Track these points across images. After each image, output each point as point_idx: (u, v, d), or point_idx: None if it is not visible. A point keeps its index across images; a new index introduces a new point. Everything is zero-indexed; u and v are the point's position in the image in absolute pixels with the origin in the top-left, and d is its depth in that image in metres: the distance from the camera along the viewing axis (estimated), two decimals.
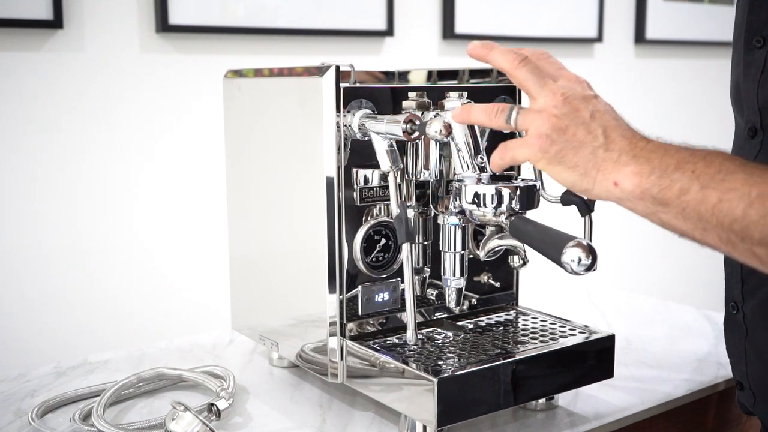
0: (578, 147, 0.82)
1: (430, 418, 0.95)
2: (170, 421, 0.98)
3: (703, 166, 0.75)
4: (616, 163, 0.80)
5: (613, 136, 0.82)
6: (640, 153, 0.80)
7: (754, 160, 0.98)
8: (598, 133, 0.82)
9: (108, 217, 1.89)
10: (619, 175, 0.79)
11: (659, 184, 0.77)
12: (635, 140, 0.82)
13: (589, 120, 0.83)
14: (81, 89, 1.84)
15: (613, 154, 0.81)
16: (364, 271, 1.09)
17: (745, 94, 1.00)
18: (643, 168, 0.78)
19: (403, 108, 1.08)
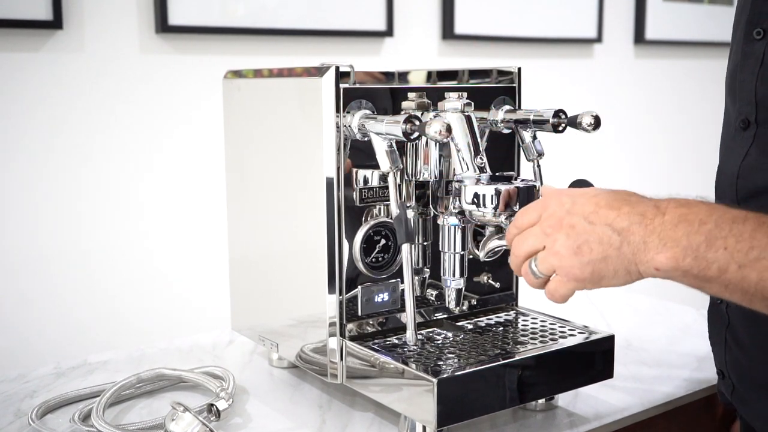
0: (603, 258, 0.80)
1: (429, 419, 0.95)
2: (170, 421, 0.98)
3: (734, 242, 0.73)
4: (646, 251, 0.78)
5: (625, 227, 0.79)
6: (663, 232, 0.77)
7: (746, 152, 0.98)
8: (608, 233, 0.80)
9: (108, 218, 1.89)
10: (656, 262, 0.77)
11: (697, 266, 0.75)
12: (647, 216, 0.79)
13: (590, 227, 0.81)
14: (81, 90, 1.84)
15: (638, 244, 0.78)
16: (364, 271, 1.09)
17: (740, 85, 1.00)
18: (675, 252, 0.76)
19: (403, 108, 1.08)
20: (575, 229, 0.81)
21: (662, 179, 2.90)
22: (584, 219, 0.81)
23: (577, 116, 1.08)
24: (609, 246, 0.79)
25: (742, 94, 0.99)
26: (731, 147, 1.02)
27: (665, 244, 0.76)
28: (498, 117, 1.13)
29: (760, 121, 0.96)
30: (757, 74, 0.96)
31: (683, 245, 0.76)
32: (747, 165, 0.98)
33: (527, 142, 1.13)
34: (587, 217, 0.81)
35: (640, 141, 2.84)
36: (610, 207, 0.81)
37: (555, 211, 0.83)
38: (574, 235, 0.81)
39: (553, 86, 2.54)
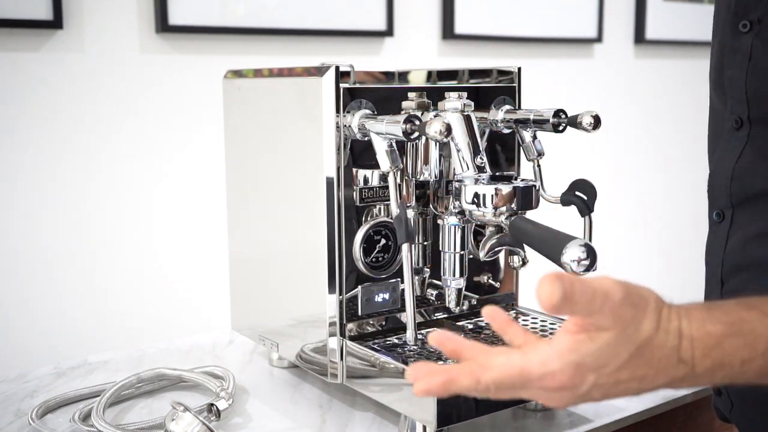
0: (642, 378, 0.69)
1: (429, 419, 0.95)
2: (170, 421, 0.98)
3: (751, 339, 0.68)
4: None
5: (657, 386, 0.69)
6: (702, 380, 0.69)
7: (741, 153, 0.94)
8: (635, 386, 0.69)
9: (108, 217, 1.89)
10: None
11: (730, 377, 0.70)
12: (678, 378, 0.68)
13: (615, 389, 0.69)
14: (81, 90, 1.83)
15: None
16: (364, 271, 1.09)
17: (729, 82, 0.96)
18: (708, 379, 0.69)
19: (403, 108, 1.08)
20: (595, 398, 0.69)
21: (662, 179, 2.90)
22: (603, 395, 0.69)
23: (577, 116, 1.08)
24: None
25: (732, 92, 0.95)
26: (724, 148, 0.98)
27: (703, 374, 0.69)
28: (498, 117, 1.13)
29: (754, 120, 0.92)
30: (746, 70, 0.92)
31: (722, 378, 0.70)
32: (741, 167, 0.94)
33: (527, 142, 1.13)
34: (607, 390, 0.68)
35: (640, 141, 2.84)
36: (633, 376, 0.68)
37: (564, 398, 0.69)
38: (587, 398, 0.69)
39: (553, 86, 2.54)
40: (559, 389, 0.67)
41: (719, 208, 0.99)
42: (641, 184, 2.85)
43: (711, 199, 1.01)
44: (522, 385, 0.67)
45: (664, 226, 2.91)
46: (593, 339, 0.66)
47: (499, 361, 0.68)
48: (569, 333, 0.67)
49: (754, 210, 0.94)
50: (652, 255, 2.90)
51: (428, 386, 0.67)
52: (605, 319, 0.65)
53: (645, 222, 2.87)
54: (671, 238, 2.93)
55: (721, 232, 0.99)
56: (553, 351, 0.66)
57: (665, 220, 2.91)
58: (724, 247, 0.98)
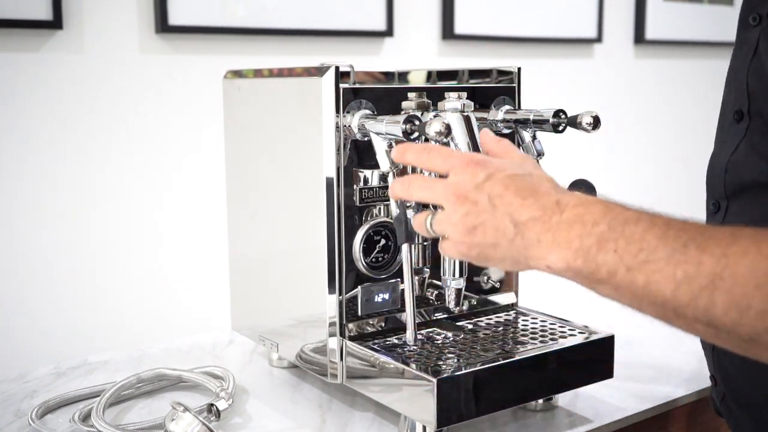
0: (494, 245, 0.79)
1: (429, 419, 0.95)
2: (170, 421, 0.98)
3: (624, 243, 0.71)
4: (539, 247, 0.76)
5: (524, 220, 0.77)
6: (558, 232, 0.75)
7: (738, 145, 0.95)
8: (506, 223, 0.78)
9: (107, 217, 1.89)
10: (547, 260, 0.76)
11: (587, 268, 0.73)
12: (547, 212, 0.77)
13: (492, 210, 0.79)
14: (80, 90, 1.84)
15: (531, 239, 0.77)
16: (364, 271, 1.09)
17: (733, 74, 0.96)
18: (567, 254, 0.74)
19: (403, 108, 1.08)
20: (477, 207, 0.79)
21: (662, 179, 2.90)
22: (489, 200, 0.79)
23: (577, 116, 1.08)
24: (502, 235, 0.78)
25: (735, 84, 0.96)
26: (724, 139, 0.99)
27: (559, 243, 0.75)
28: (498, 117, 1.13)
29: (753, 114, 0.93)
30: (749, 63, 0.93)
31: (575, 247, 0.74)
32: (735, 159, 0.95)
33: (527, 142, 1.13)
34: (492, 198, 0.79)
35: (639, 141, 2.84)
36: (517, 194, 0.78)
37: (465, 180, 0.81)
38: (474, 213, 0.79)
39: (553, 86, 2.54)
40: (456, 183, 0.81)
41: (715, 199, 1.00)
42: (641, 184, 2.85)
43: (708, 190, 1.03)
44: (432, 162, 0.85)
45: None
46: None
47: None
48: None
49: (745, 202, 0.95)
50: None
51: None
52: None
53: None
54: None
55: (716, 222, 1.00)
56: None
57: None
58: None
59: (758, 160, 0.92)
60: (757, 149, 0.92)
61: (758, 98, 0.92)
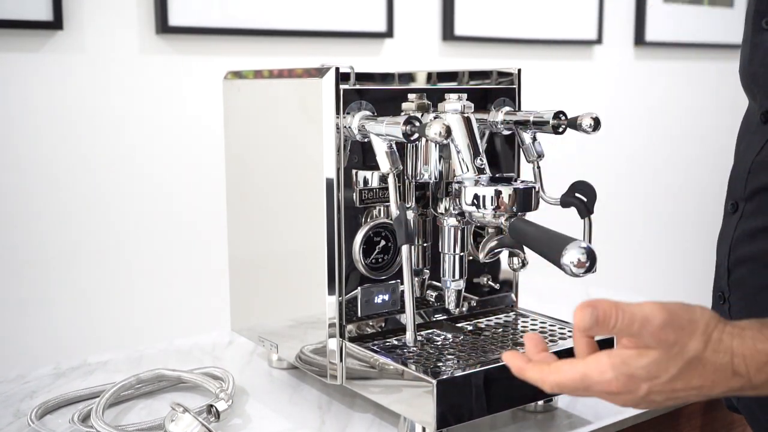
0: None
1: (429, 420, 0.95)
2: (169, 422, 0.98)
3: None
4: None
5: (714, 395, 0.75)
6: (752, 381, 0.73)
7: (762, 147, 0.96)
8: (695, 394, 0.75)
9: (107, 217, 1.89)
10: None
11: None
12: (733, 389, 0.74)
13: (674, 399, 0.75)
14: (81, 90, 1.84)
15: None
16: (364, 272, 1.09)
17: (752, 78, 0.97)
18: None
19: (403, 109, 1.08)
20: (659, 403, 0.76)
21: (662, 180, 2.90)
22: (664, 396, 0.75)
23: (577, 118, 1.08)
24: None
25: (757, 87, 0.97)
26: (750, 141, 1.00)
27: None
28: (498, 118, 1.13)
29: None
30: (767, 66, 0.94)
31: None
32: (759, 160, 0.96)
33: (527, 144, 1.13)
34: (668, 398, 0.75)
35: (640, 142, 2.84)
36: (687, 388, 0.74)
37: (627, 400, 0.76)
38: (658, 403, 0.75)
39: (554, 88, 2.54)
40: (617, 394, 0.75)
41: (735, 199, 1.01)
42: (641, 186, 2.85)
43: (729, 190, 1.03)
44: (584, 389, 0.76)
45: (663, 227, 2.91)
46: (642, 355, 0.73)
47: (564, 367, 0.77)
48: (623, 347, 0.74)
49: (761, 202, 0.95)
50: (651, 256, 2.90)
51: (508, 361, 0.81)
52: (648, 340, 0.72)
53: (645, 223, 2.87)
54: (671, 238, 2.93)
55: (732, 223, 1.01)
56: (609, 361, 0.74)
57: (665, 221, 2.91)
58: (732, 237, 1.00)
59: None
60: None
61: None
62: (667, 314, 0.72)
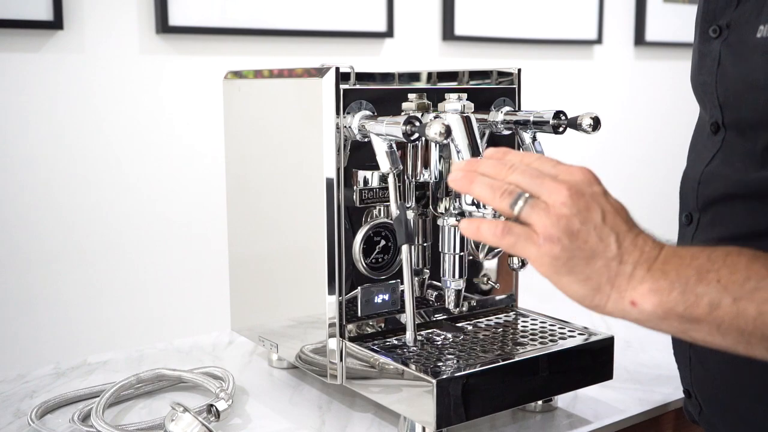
0: (590, 257, 0.71)
1: (429, 420, 0.95)
2: (169, 422, 0.98)
3: (728, 273, 0.66)
4: (630, 279, 0.70)
5: (626, 245, 0.71)
6: (654, 265, 0.70)
7: (712, 157, 0.94)
8: (611, 240, 0.71)
9: (108, 217, 1.89)
10: (636, 293, 0.69)
11: (684, 301, 0.67)
12: (646, 248, 0.71)
13: (601, 223, 0.71)
14: (81, 90, 1.84)
15: (627, 267, 0.70)
16: (364, 272, 1.09)
17: (701, 88, 0.96)
18: (661, 284, 0.68)
19: (403, 109, 1.08)
20: (588, 213, 0.71)
21: (662, 180, 2.90)
22: (601, 212, 0.72)
23: (577, 117, 1.08)
24: (603, 251, 0.71)
25: (706, 96, 0.95)
26: (699, 151, 0.98)
27: (653, 275, 0.69)
28: (498, 118, 1.13)
29: (728, 125, 0.92)
30: (715, 75, 0.92)
31: (671, 278, 0.68)
32: (709, 171, 0.95)
33: (527, 144, 1.13)
34: (605, 213, 0.72)
35: (639, 142, 2.84)
36: (626, 221, 0.73)
37: (583, 182, 0.73)
38: (583, 217, 0.71)
39: (554, 87, 2.54)
40: (572, 182, 0.73)
41: (688, 211, 1.00)
42: (641, 185, 2.85)
43: (681, 201, 1.02)
44: (541, 164, 0.75)
45: (663, 226, 2.91)
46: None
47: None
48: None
49: (717, 214, 0.94)
50: None
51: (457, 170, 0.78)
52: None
53: (645, 222, 2.87)
54: (672, 237, 2.93)
55: (687, 235, 0.99)
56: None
57: (665, 220, 2.91)
58: None
59: (731, 171, 0.91)
60: (730, 160, 0.92)
61: (729, 109, 0.91)
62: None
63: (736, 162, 0.91)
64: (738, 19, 0.89)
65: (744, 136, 0.90)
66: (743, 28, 0.88)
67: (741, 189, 0.90)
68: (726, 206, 0.92)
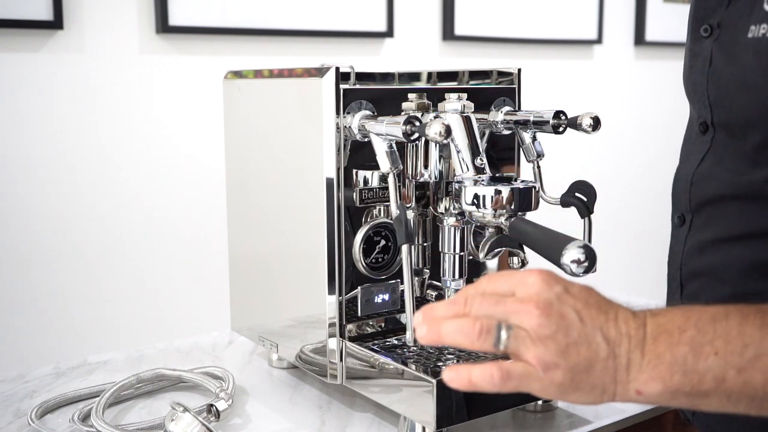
0: (588, 367, 0.67)
1: (429, 420, 0.95)
2: (169, 421, 0.98)
3: (723, 343, 0.65)
4: (629, 370, 0.67)
5: (613, 337, 0.68)
6: (646, 347, 0.67)
7: (703, 158, 0.94)
8: (599, 340, 0.67)
9: (108, 218, 1.89)
10: (638, 383, 0.67)
11: (688, 382, 0.65)
12: (631, 331, 0.68)
13: (581, 326, 0.67)
14: (81, 90, 1.84)
15: (622, 360, 0.67)
16: (364, 272, 1.09)
17: (692, 87, 0.96)
18: (661, 371, 0.66)
19: (403, 109, 1.08)
20: (565, 321, 0.67)
21: (662, 180, 2.90)
22: (575, 313, 0.68)
23: (577, 117, 1.08)
24: (596, 355, 0.67)
25: (697, 96, 0.95)
26: (690, 151, 0.99)
27: (649, 362, 0.67)
28: (498, 118, 1.13)
29: (717, 125, 0.92)
30: (707, 75, 0.92)
31: (668, 361, 0.66)
32: (701, 172, 0.95)
33: (527, 143, 1.13)
34: (579, 312, 0.68)
35: (639, 142, 2.84)
36: (600, 309, 0.69)
37: (544, 291, 0.69)
38: (564, 329, 0.67)
39: (554, 87, 2.54)
40: (534, 295, 0.68)
41: (680, 212, 0.99)
42: (641, 185, 2.85)
43: (673, 202, 1.02)
44: (494, 285, 0.71)
45: (663, 226, 2.91)
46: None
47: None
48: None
49: (710, 215, 0.94)
50: (651, 256, 2.90)
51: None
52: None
53: (645, 222, 2.87)
54: None
55: (680, 236, 0.99)
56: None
57: (665, 220, 2.91)
58: (682, 252, 0.99)
59: (722, 172, 0.91)
60: (721, 161, 0.92)
61: (719, 109, 0.91)
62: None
63: (726, 162, 0.91)
64: (729, 18, 0.89)
65: (733, 136, 0.90)
66: (734, 28, 0.88)
67: (733, 190, 0.90)
68: (718, 207, 0.92)
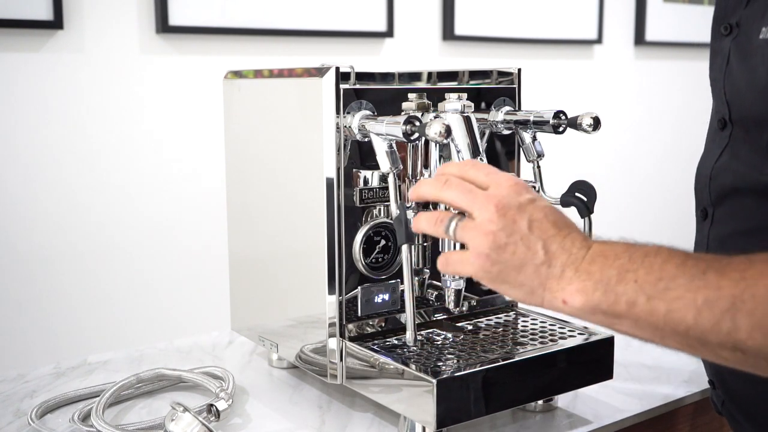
0: (520, 266, 0.77)
1: (429, 420, 0.95)
2: (169, 421, 0.98)
3: (644, 273, 0.72)
4: (560, 280, 0.76)
5: (553, 250, 0.77)
6: (581, 265, 0.76)
7: (722, 152, 0.96)
8: (538, 248, 0.77)
9: (108, 218, 1.89)
10: (565, 293, 0.75)
11: (606, 300, 0.73)
12: (573, 249, 0.77)
13: (528, 232, 0.77)
14: (81, 90, 1.84)
15: (556, 270, 0.76)
16: (364, 272, 1.09)
17: (713, 84, 0.99)
18: (586, 284, 0.74)
19: (403, 109, 1.08)
20: (514, 225, 0.78)
21: (662, 180, 2.90)
22: (528, 222, 0.78)
23: (577, 117, 1.08)
24: (531, 259, 0.77)
25: (715, 93, 0.98)
26: (709, 147, 1.01)
27: (579, 275, 0.75)
28: (498, 118, 1.13)
29: (734, 121, 0.94)
30: (724, 73, 0.94)
31: (596, 278, 0.74)
32: (719, 166, 0.97)
33: (527, 143, 1.13)
34: (531, 222, 0.78)
35: (639, 142, 2.84)
36: (555, 225, 0.78)
37: (510, 196, 0.79)
38: (509, 230, 0.77)
39: (554, 87, 2.54)
40: (500, 196, 0.79)
41: (703, 206, 1.02)
42: (641, 185, 2.85)
43: (696, 197, 1.04)
44: (476, 172, 0.83)
45: (663, 226, 2.91)
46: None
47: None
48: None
49: (729, 209, 0.96)
50: None
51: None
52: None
53: (645, 222, 2.87)
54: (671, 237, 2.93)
55: (704, 230, 1.02)
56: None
57: (665, 220, 2.91)
58: (706, 245, 1.01)
59: (739, 166, 0.94)
60: (738, 155, 0.94)
61: (735, 106, 0.94)
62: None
63: (743, 157, 0.93)
64: (747, 18, 0.91)
65: (749, 133, 0.92)
66: (750, 28, 0.90)
67: (749, 184, 0.92)
68: (736, 200, 0.94)
